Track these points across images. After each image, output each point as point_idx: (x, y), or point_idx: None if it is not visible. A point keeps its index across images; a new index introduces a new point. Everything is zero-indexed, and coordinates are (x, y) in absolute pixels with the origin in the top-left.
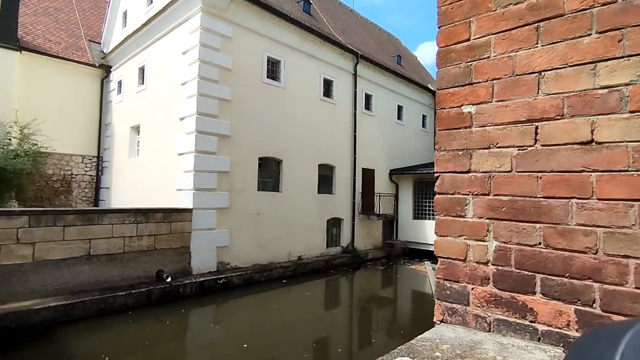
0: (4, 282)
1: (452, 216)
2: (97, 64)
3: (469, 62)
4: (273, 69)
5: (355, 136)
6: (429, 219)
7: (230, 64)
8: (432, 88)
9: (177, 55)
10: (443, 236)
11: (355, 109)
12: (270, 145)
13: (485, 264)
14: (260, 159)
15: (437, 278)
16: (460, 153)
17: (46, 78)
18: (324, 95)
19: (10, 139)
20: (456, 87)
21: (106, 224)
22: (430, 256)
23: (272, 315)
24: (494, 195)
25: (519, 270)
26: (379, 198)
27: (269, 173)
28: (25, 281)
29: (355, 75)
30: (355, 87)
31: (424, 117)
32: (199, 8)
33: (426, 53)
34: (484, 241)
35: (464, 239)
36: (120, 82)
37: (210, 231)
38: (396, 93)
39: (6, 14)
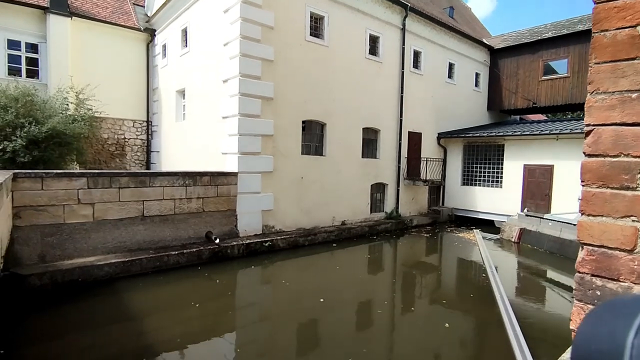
0: (70, 239)
1: (614, 188)
2: (142, 28)
3: None
4: (316, 26)
5: (402, 97)
6: (479, 185)
7: (272, 21)
8: (487, 43)
9: (219, 14)
10: (595, 216)
11: (402, 68)
12: (313, 107)
13: None
14: (303, 122)
15: (580, 272)
16: (635, 96)
17: (96, 44)
18: (369, 53)
19: (67, 104)
20: None
21: (157, 187)
22: (479, 224)
23: (333, 275)
24: None
25: None
26: (426, 163)
27: (313, 137)
28: (88, 239)
29: (403, 30)
30: (404, 44)
31: (477, 75)
32: None
33: (479, 5)
34: None
35: (633, 220)
36: (164, 46)
37: (255, 195)
38: (447, 49)
39: None
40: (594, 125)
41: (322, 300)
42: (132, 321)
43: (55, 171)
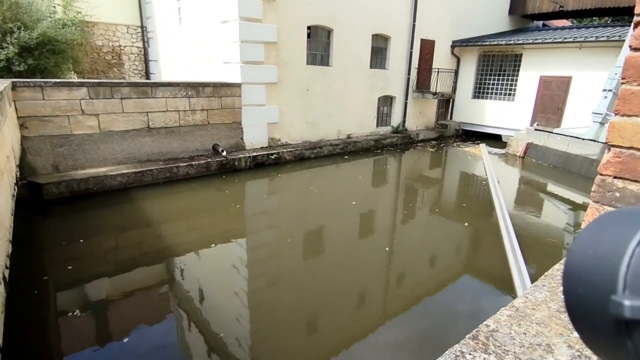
0: (80, 150)
1: None
2: None
3: None
4: None
5: None
6: (491, 98)
7: None
8: None
9: None
10: (630, 116)
11: None
12: (319, 10)
13: None
14: (308, 27)
15: (601, 174)
16: None
17: None
18: None
19: (54, 7)
20: None
21: (160, 98)
22: (487, 139)
23: (345, 185)
24: None
25: None
26: (437, 74)
27: (319, 44)
28: (97, 150)
29: None
30: None
31: None
32: None
33: None
34: None
35: None
36: None
37: (260, 107)
38: None
39: None
40: None
41: (354, 203)
42: (149, 227)
43: (54, 80)
